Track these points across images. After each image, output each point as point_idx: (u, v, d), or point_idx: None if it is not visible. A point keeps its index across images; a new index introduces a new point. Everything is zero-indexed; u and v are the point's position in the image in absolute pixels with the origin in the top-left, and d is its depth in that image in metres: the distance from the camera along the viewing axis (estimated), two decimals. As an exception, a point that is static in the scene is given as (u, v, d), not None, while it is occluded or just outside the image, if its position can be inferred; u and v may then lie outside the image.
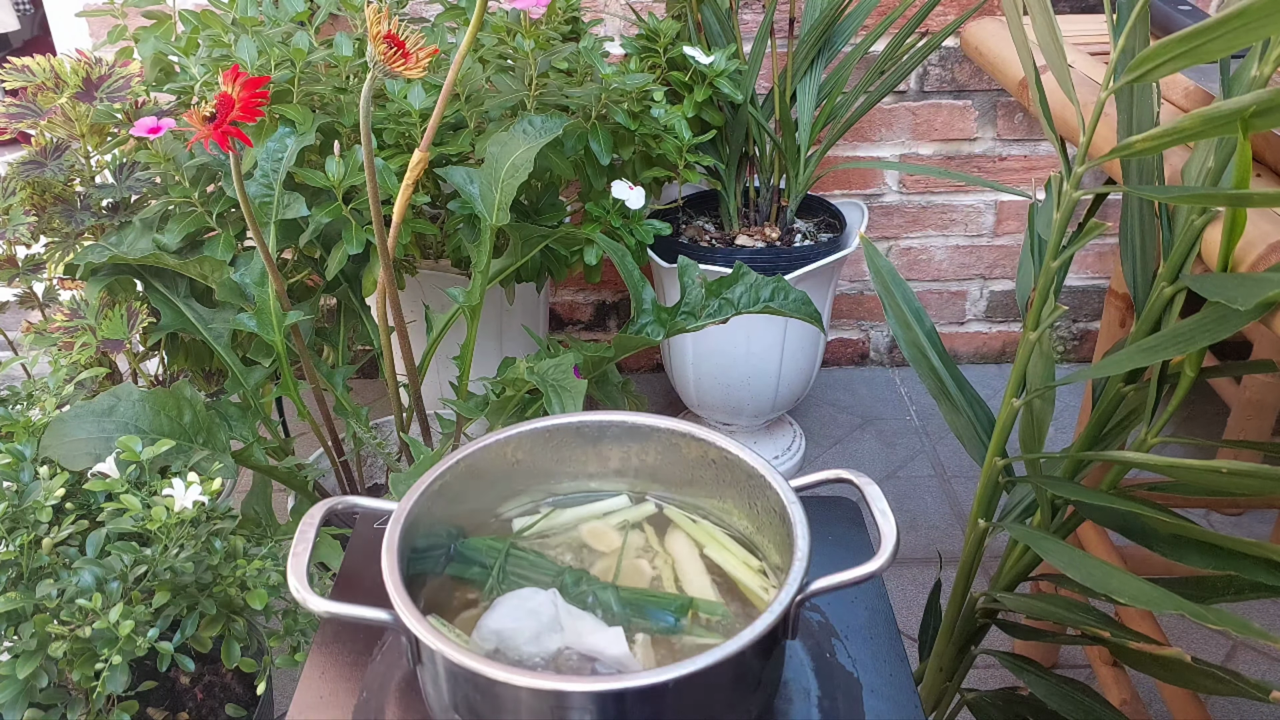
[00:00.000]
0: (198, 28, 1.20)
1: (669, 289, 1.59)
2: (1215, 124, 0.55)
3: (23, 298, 1.23)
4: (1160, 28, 0.96)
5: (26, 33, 2.56)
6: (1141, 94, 0.72)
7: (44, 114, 1.12)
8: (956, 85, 1.78)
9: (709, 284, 1.05)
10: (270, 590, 0.86)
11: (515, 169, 1.06)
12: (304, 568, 0.55)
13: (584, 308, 1.98)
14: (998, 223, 1.91)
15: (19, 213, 1.11)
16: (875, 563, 0.53)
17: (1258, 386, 1.46)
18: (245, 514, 1.03)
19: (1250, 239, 0.63)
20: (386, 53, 0.82)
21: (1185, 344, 0.65)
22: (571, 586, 0.59)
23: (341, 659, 0.62)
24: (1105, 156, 0.65)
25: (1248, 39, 0.52)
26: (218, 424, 1.00)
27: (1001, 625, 0.92)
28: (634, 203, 1.22)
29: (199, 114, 0.83)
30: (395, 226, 0.98)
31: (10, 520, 0.81)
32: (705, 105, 1.40)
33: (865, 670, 0.61)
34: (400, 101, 1.15)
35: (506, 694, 0.48)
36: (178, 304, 1.13)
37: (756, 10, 1.69)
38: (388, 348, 1.09)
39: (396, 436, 1.22)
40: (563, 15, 1.30)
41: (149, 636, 0.78)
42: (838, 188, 1.85)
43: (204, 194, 1.14)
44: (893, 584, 1.49)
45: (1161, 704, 1.26)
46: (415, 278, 1.40)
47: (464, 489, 0.64)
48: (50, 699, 0.81)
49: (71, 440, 0.89)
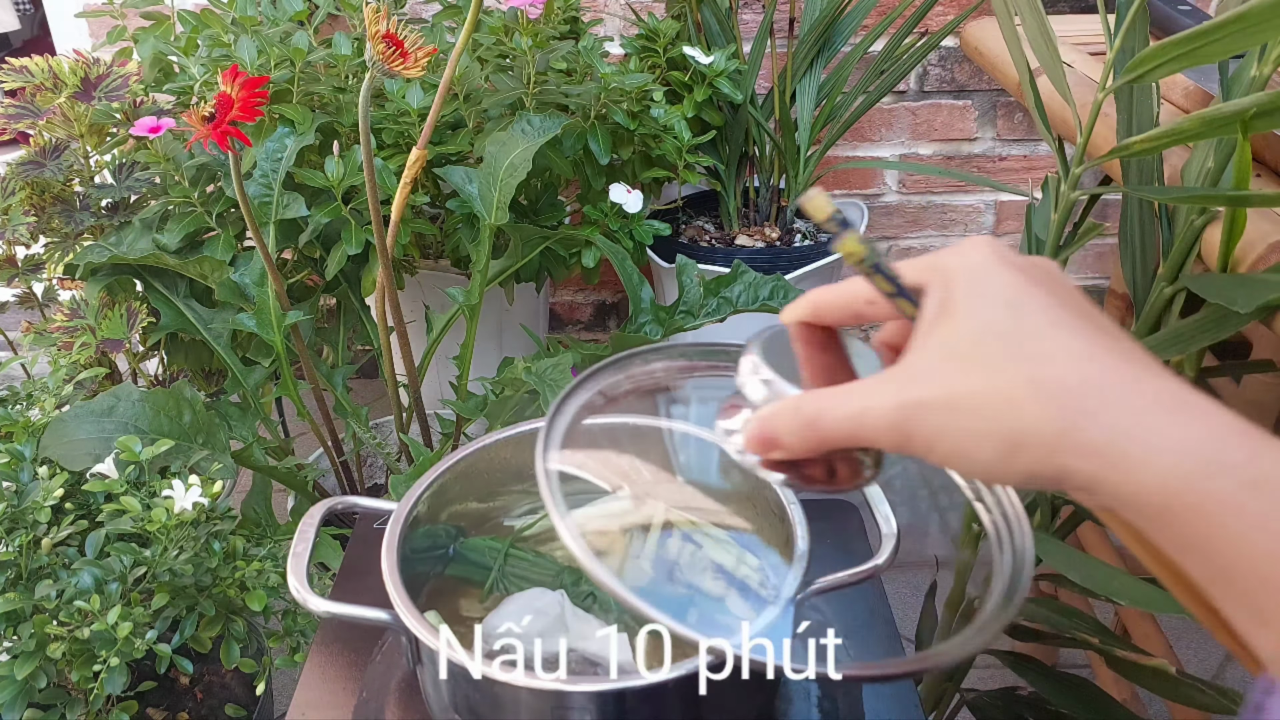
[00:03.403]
0: (197, 28, 1.20)
1: (668, 289, 1.59)
2: (1215, 125, 0.55)
3: (23, 298, 1.23)
4: (1160, 27, 0.96)
5: (26, 33, 2.56)
6: (1141, 94, 0.72)
7: (43, 114, 1.12)
8: (956, 85, 1.78)
9: (707, 283, 1.05)
10: (270, 591, 0.86)
11: (514, 168, 1.06)
12: (304, 568, 0.55)
13: (584, 308, 1.98)
14: (997, 223, 1.91)
15: (18, 213, 1.11)
16: (875, 562, 0.53)
17: (1258, 386, 1.46)
18: (245, 514, 1.03)
19: (1250, 239, 0.63)
20: (385, 52, 0.82)
21: (1185, 344, 0.65)
22: (571, 586, 0.59)
23: (341, 659, 0.62)
24: (1104, 157, 0.65)
25: (1246, 43, 0.52)
26: (217, 424, 1.00)
27: (1001, 625, 0.92)
28: (632, 206, 1.22)
29: (198, 114, 0.83)
30: (394, 226, 0.98)
31: (10, 520, 0.81)
32: (705, 105, 1.40)
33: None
34: (399, 101, 1.15)
35: (506, 694, 0.48)
36: (178, 304, 1.12)
37: (756, 10, 1.68)
38: (387, 348, 1.09)
39: (396, 436, 1.22)
40: (562, 15, 1.30)
41: (147, 638, 0.78)
42: (838, 188, 1.85)
43: (204, 194, 1.14)
44: (890, 588, 1.49)
45: (1162, 704, 1.26)
46: (415, 278, 1.40)
47: (463, 489, 0.64)
48: (49, 699, 0.81)
49: (71, 440, 0.89)
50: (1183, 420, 0.29)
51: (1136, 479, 0.29)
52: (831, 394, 0.33)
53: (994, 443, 0.31)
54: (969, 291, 0.32)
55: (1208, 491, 0.28)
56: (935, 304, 0.33)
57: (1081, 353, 0.31)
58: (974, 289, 0.32)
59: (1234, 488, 0.28)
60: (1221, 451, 0.29)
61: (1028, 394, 0.30)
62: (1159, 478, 0.29)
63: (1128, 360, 0.31)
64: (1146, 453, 0.29)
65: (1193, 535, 0.29)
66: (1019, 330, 0.31)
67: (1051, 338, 0.31)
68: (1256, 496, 0.28)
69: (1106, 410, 0.30)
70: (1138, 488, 0.29)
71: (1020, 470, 0.31)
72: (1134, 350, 0.31)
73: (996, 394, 0.31)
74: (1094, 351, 0.31)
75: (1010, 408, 0.30)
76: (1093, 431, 0.30)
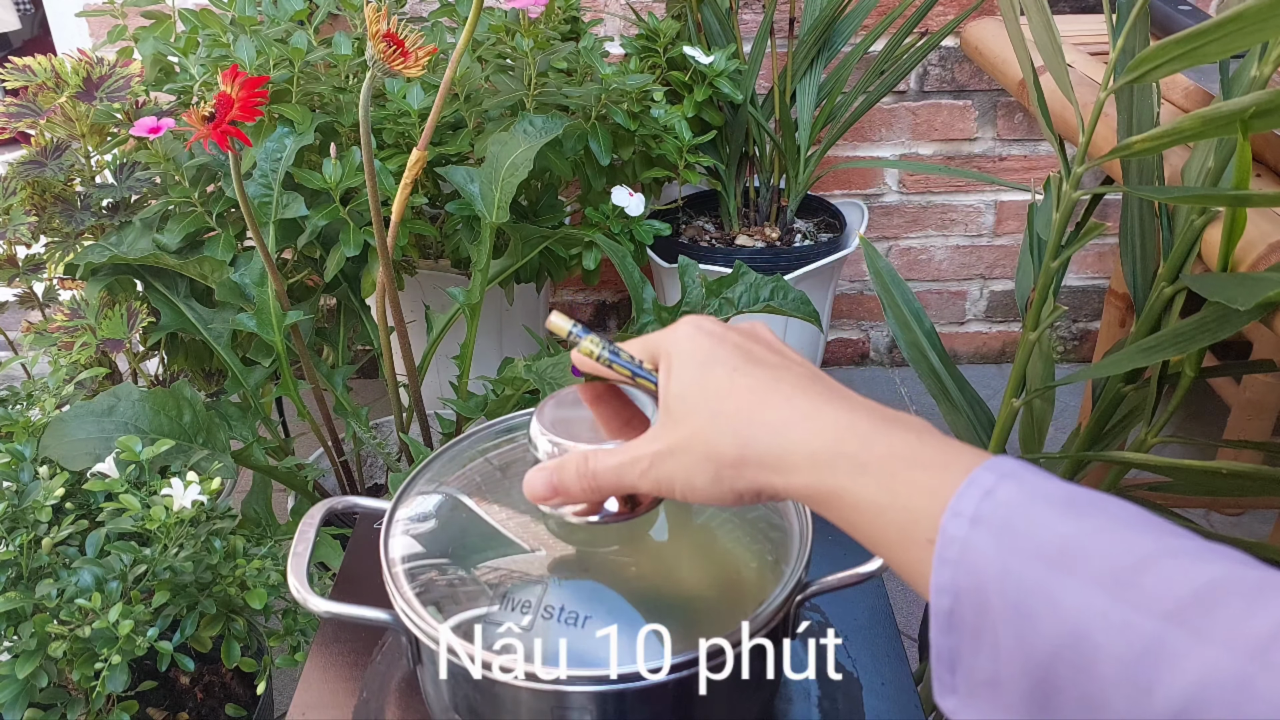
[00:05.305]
0: (197, 27, 1.20)
1: (669, 289, 1.59)
2: (1215, 125, 0.55)
3: (23, 298, 1.23)
4: (1160, 27, 0.96)
5: (27, 32, 2.56)
6: (1141, 94, 0.72)
7: (44, 114, 1.12)
8: (956, 85, 1.78)
9: (709, 283, 1.05)
10: (270, 590, 0.86)
11: (515, 168, 1.06)
12: (304, 568, 0.55)
13: (584, 308, 1.98)
14: (997, 223, 1.91)
15: (19, 213, 1.11)
16: (875, 562, 0.53)
17: (1258, 386, 1.46)
18: (245, 514, 1.03)
19: (1250, 239, 0.63)
20: (385, 52, 0.82)
21: (1185, 344, 0.65)
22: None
23: (341, 659, 0.62)
24: (1105, 157, 0.65)
25: (1246, 42, 0.52)
26: (217, 424, 1.00)
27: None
28: (634, 209, 1.22)
29: (198, 114, 0.83)
30: (394, 226, 0.98)
31: (10, 520, 0.81)
32: (705, 105, 1.41)
33: (865, 670, 0.61)
34: (399, 101, 1.15)
35: (506, 694, 0.48)
36: (178, 304, 1.13)
37: (756, 10, 1.69)
38: (387, 348, 1.09)
39: (396, 436, 1.22)
40: (562, 15, 1.30)
41: (148, 636, 0.78)
42: (838, 188, 1.85)
43: (204, 194, 1.14)
44: (892, 584, 1.49)
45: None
46: (415, 278, 1.40)
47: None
48: (50, 699, 0.81)
49: (71, 440, 0.89)
50: (818, 424, 0.37)
51: (799, 480, 0.37)
52: (607, 452, 0.43)
53: (704, 471, 0.39)
54: (676, 361, 0.41)
55: (834, 482, 0.36)
56: (662, 375, 0.42)
57: (751, 387, 0.39)
58: (679, 359, 0.41)
59: (849, 474, 0.35)
60: (840, 444, 0.36)
61: (712, 427, 0.39)
62: (806, 476, 0.36)
63: (794, 386, 0.39)
64: (796, 457, 0.37)
65: (839, 518, 0.36)
66: (705, 381, 0.40)
67: (729, 381, 0.39)
68: (863, 478, 0.35)
69: (765, 428, 0.37)
70: (801, 486, 0.37)
71: (730, 489, 0.38)
72: (800, 379, 0.39)
73: (695, 434, 0.39)
74: (757, 385, 0.39)
75: (704, 442, 0.39)
76: (759, 447, 0.37)
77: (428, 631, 0.49)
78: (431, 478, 0.58)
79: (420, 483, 0.58)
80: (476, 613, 0.49)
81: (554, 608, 0.49)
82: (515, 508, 0.55)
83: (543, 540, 0.53)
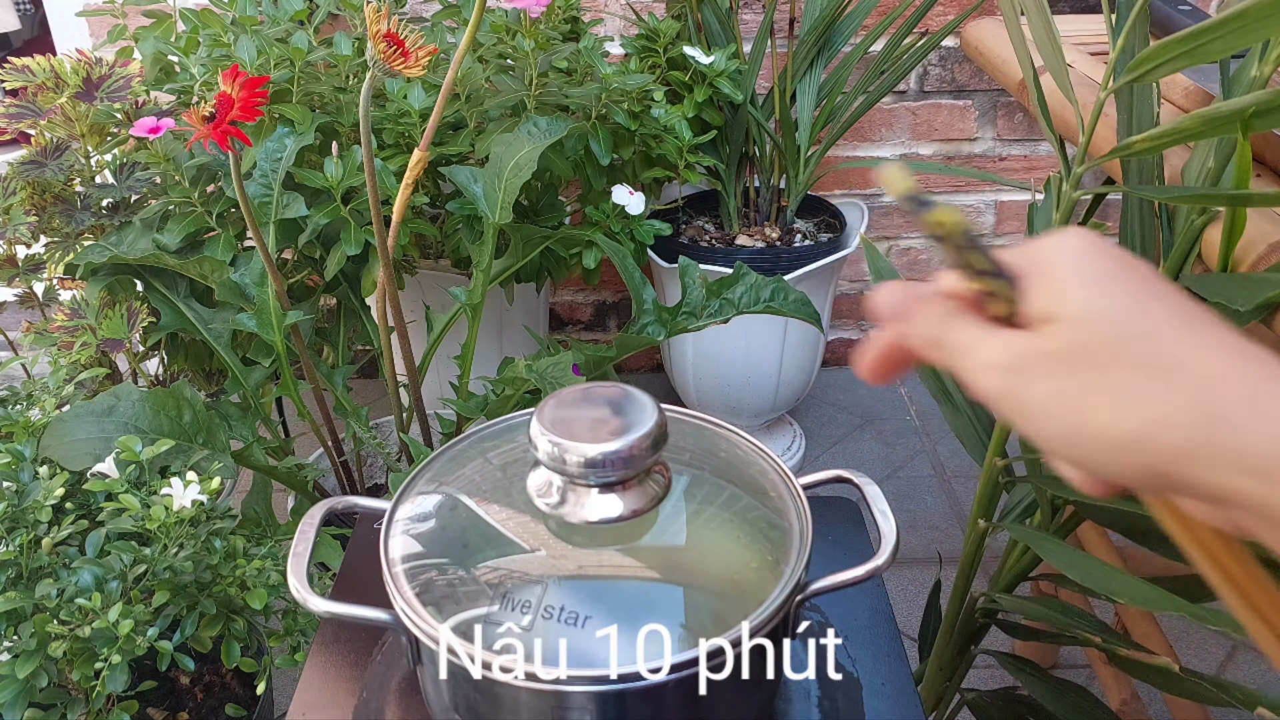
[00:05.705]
0: (197, 27, 1.20)
1: (669, 289, 1.59)
2: (1215, 124, 0.55)
3: (23, 298, 1.23)
4: (1160, 27, 0.96)
5: (26, 32, 2.56)
6: (1141, 94, 0.72)
7: (44, 114, 1.12)
8: (956, 85, 1.78)
9: (710, 284, 1.05)
10: (270, 590, 0.86)
11: (519, 168, 1.06)
12: (304, 568, 0.55)
13: (584, 308, 1.98)
14: (998, 223, 1.91)
15: (19, 213, 1.11)
16: (875, 562, 0.53)
17: (1258, 386, 1.46)
18: (245, 514, 1.03)
19: (1250, 239, 0.63)
20: (386, 52, 0.82)
21: (1185, 344, 0.65)
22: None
23: (341, 659, 0.62)
24: (1105, 157, 0.65)
25: (1247, 40, 0.52)
26: (218, 424, 1.00)
27: (1001, 625, 0.92)
28: (634, 208, 1.22)
29: (199, 114, 0.83)
30: (394, 226, 0.98)
31: (10, 520, 0.81)
32: (705, 105, 1.40)
33: (865, 670, 0.61)
34: (400, 101, 1.15)
35: (506, 694, 0.48)
36: (178, 304, 1.13)
37: (756, 10, 1.69)
38: (387, 348, 1.09)
39: (396, 436, 1.22)
40: (562, 15, 1.30)
41: (149, 636, 0.78)
42: (838, 188, 1.85)
43: (204, 194, 1.14)
44: (893, 584, 1.49)
45: (1163, 703, 1.26)
46: (415, 278, 1.40)
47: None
48: (50, 699, 0.81)
49: (71, 440, 0.89)
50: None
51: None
52: (982, 339, 0.32)
53: (1127, 427, 0.28)
54: (1087, 288, 0.30)
55: None
56: (1042, 287, 0.31)
57: (1217, 348, 0.28)
58: (1093, 285, 0.30)
59: None
60: None
61: (1151, 390, 0.28)
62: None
63: (1260, 360, 0.28)
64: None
65: None
66: (1142, 322, 0.29)
67: (1176, 333, 0.29)
68: None
69: (1257, 415, 0.27)
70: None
71: (1145, 473, 0.29)
72: (1260, 351, 0.29)
73: (1121, 381, 0.29)
74: (1228, 349, 0.28)
75: (1135, 399, 0.28)
76: (1240, 437, 0.27)
77: (428, 631, 0.49)
78: (431, 478, 0.58)
79: (420, 483, 0.58)
80: (476, 613, 0.49)
81: (554, 608, 0.49)
82: (515, 508, 0.55)
83: (543, 540, 0.53)
